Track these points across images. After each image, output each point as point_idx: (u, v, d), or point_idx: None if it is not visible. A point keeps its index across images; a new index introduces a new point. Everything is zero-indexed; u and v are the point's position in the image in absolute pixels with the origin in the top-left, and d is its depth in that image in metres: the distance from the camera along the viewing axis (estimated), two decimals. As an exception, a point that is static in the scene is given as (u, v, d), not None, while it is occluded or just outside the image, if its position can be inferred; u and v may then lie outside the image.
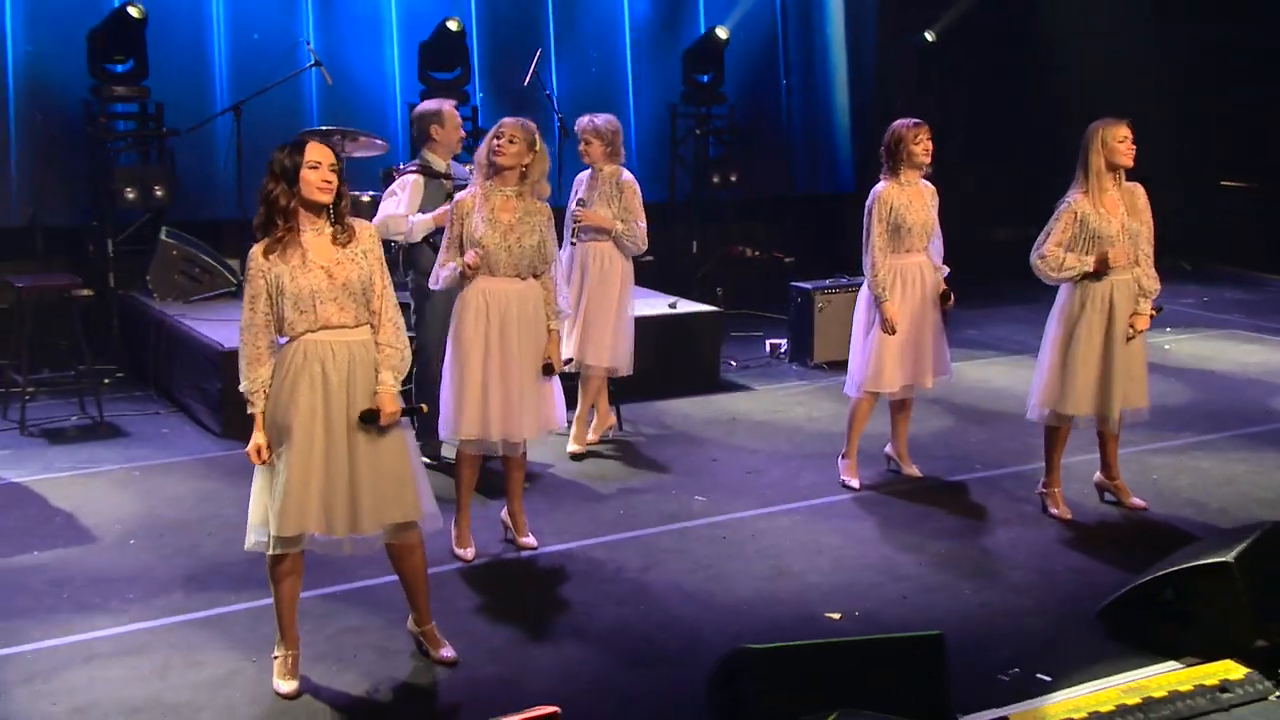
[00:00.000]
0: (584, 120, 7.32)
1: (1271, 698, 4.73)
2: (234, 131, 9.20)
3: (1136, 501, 6.65)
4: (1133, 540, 6.21)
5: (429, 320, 6.79)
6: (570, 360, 7.10)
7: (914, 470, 7.09)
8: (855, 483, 6.88)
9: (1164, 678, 4.81)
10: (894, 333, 6.57)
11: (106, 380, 8.41)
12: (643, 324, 8.60)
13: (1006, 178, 13.84)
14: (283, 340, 4.47)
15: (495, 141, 5.57)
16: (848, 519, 6.49)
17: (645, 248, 7.34)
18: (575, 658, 4.96)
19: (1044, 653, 5.06)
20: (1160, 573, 5.19)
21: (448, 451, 6.50)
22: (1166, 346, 10.42)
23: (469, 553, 5.82)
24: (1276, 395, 8.98)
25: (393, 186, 6.96)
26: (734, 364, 9.56)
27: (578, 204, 7.21)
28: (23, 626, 5.05)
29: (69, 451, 7.25)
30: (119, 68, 9.78)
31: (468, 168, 7.14)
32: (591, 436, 7.57)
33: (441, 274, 5.70)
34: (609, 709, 4.59)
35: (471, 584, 5.60)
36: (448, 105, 7.14)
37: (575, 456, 7.36)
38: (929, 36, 13.26)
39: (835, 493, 6.83)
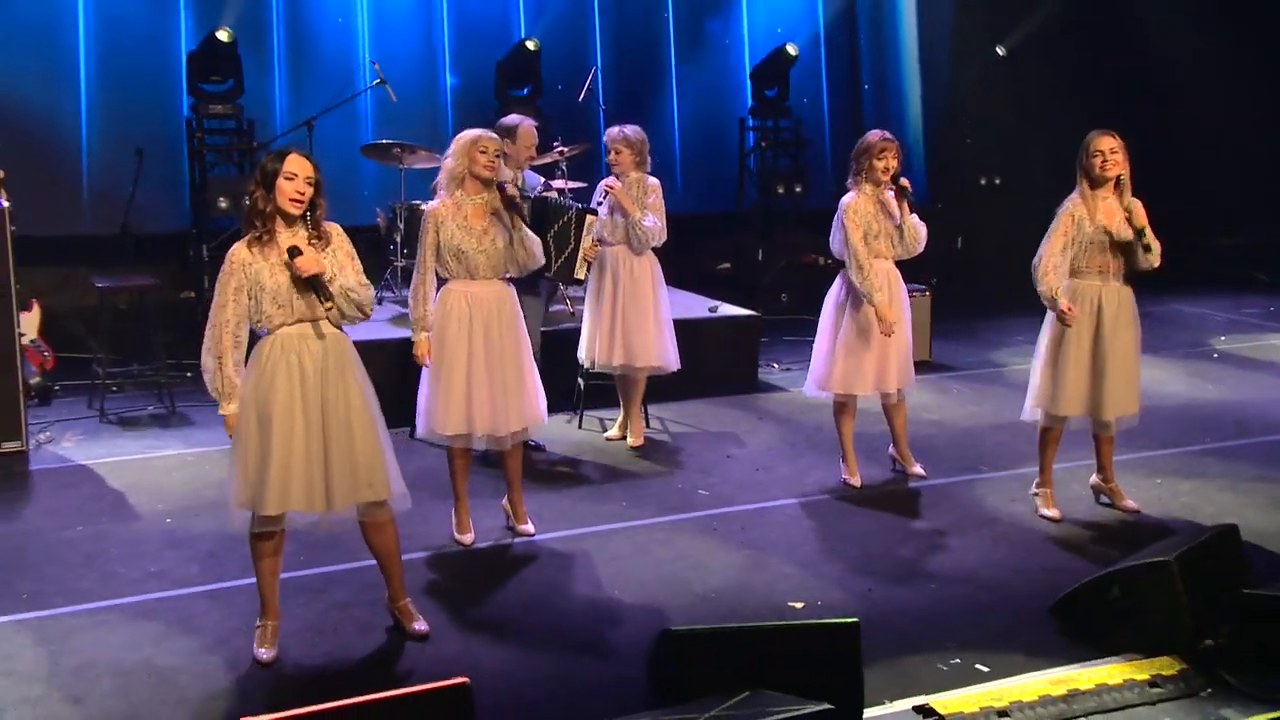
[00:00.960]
0: (614, 130, 7.42)
1: (1203, 694, 4.65)
2: (307, 144, 9.52)
3: (1129, 504, 6.53)
4: (1116, 542, 6.09)
5: None
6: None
7: (917, 469, 7.06)
8: (856, 481, 6.88)
9: (1094, 671, 4.76)
10: (891, 333, 6.56)
11: (189, 374, 8.77)
12: (684, 327, 8.69)
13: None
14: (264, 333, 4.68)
15: (481, 156, 5.69)
16: (837, 515, 6.49)
17: (655, 242, 7.33)
18: (538, 636, 5.09)
19: (992, 646, 5.02)
20: (1108, 571, 5.14)
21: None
22: (1215, 354, 10.15)
23: (468, 538, 5.98)
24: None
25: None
26: (776, 367, 9.58)
27: (599, 208, 7.29)
28: (47, 593, 5.35)
29: (137, 438, 7.59)
30: (216, 87, 10.23)
31: (542, 182, 7.34)
32: (614, 432, 7.69)
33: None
34: (555, 685, 4.70)
35: (463, 566, 5.77)
36: (526, 123, 7.27)
37: (636, 449, 7.50)
38: (1000, 51, 13.09)
39: (834, 491, 6.83)
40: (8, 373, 7.16)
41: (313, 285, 4.60)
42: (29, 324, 8.35)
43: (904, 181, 6.54)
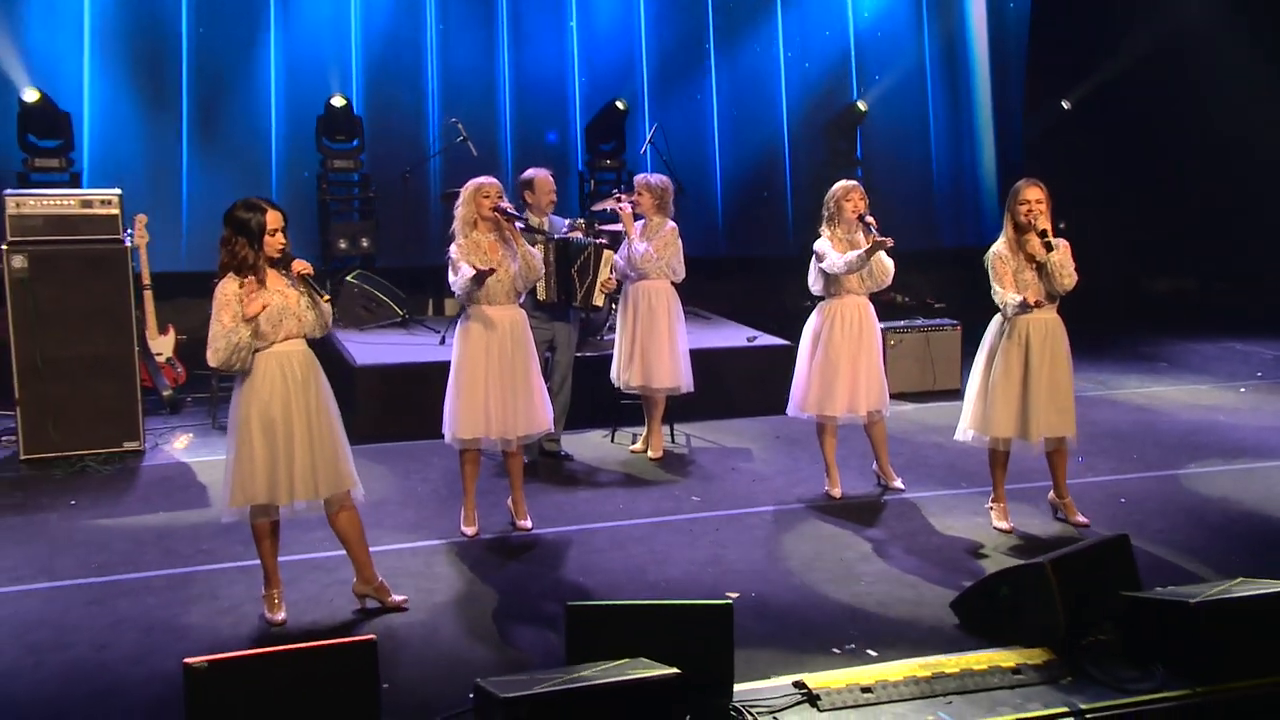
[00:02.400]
0: (640, 177, 7.93)
1: (1063, 682, 4.81)
2: (403, 193, 10.26)
3: (1080, 519, 6.65)
4: (1052, 550, 6.21)
5: None
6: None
7: (897, 484, 7.28)
8: (836, 492, 7.15)
9: (964, 658, 4.97)
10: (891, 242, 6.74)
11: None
12: (722, 355, 9.13)
13: (1167, 231, 13.48)
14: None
15: (485, 201, 6.23)
16: (803, 522, 6.77)
17: (655, 266, 7.72)
18: (500, 610, 5.55)
19: (891, 637, 5.26)
20: (999, 571, 5.34)
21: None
22: (1242, 390, 10.01)
23: (471, 530, 6.48)
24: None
25: None
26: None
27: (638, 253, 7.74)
28: (113, 563, 6.07)
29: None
30: (341, 145, 11.08)
31: (567, 221, 7.87)
32: (637, 446, 8.10)
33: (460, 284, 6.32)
34: (495, 647, 5.15)
35: (459, 554, 6.25)
36: (542, 174, 7.77)
37: (656, 461, 7.92)
38: (1065, 105, 13.09)
39: (812, 500, 7.11)
40: (129, 384, 7.98)
41: (308, 283, 5.22)
42: (165, 345, 9.24)
43: (870, 219, 6.82)
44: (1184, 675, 4.78)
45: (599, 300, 7.55)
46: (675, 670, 4.19)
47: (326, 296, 5.30)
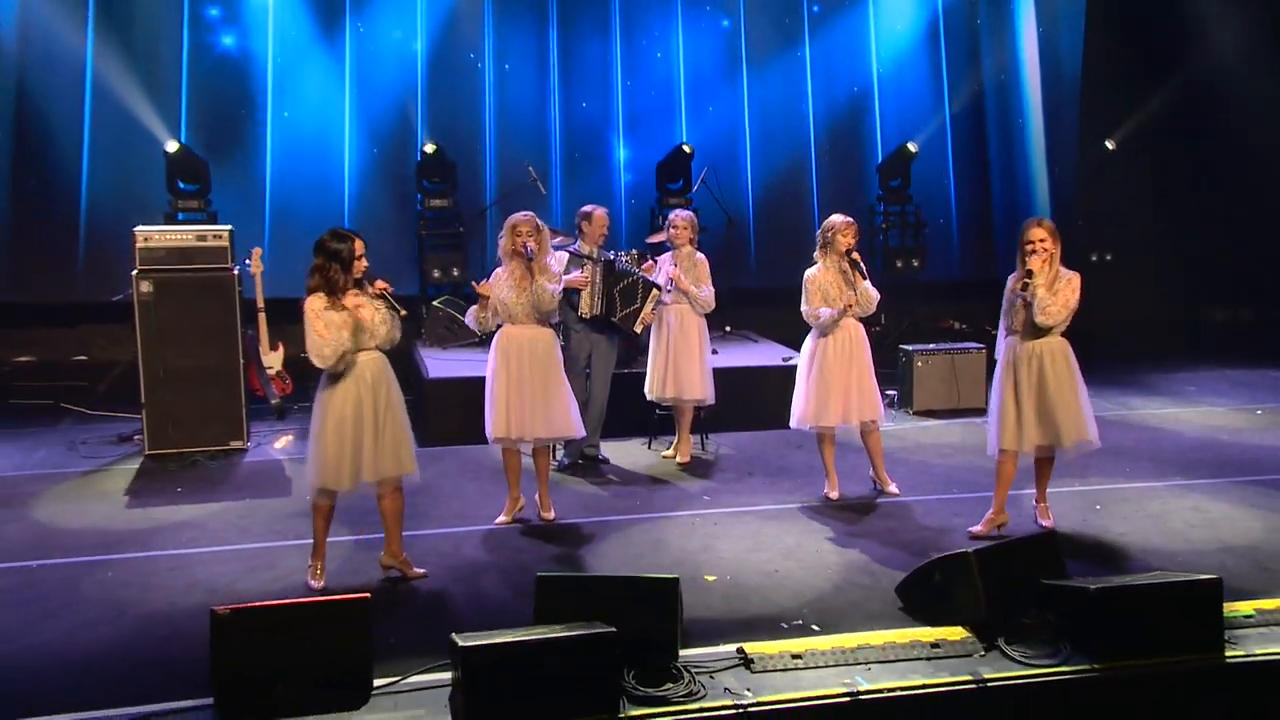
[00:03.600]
0: (674, 214, 8.50)
1: (977, 655, 5.15)
2: (483, 226, 11.00)
3: (1045, 523, 6.90)
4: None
5: (570, 344, 8.15)
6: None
7: (892, 489, 7.63)
8: (834, 494, 7.54)
9: (890, 633, 5.35)
10: (853, 304, 7.29)
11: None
12: (759, 372, 9.55)
13: (1227, 261, 13.43)
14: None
15: (517, 239, 6.81)
16: (797, 518, 7.18)
17: (713, 306, 8.32)
18: (498, 579, 6.16)
19: (839, 616, 5.66)
20: (935, 558, 5.70)
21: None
22: (1259, 411, 10.02)
23: (504, 518, 7.07)
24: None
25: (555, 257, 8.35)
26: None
27: (668, 281, 8.28)
28: (198, 538, 6.83)
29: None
30: (435, 185, 11.88)
31: (613, 252, 8.45)
32: (669, 452, 8.60)
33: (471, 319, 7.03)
34: (480, 609, 5.71)
35: (484, 540, 6.82)
36: (599, 210, 8.34)
37: (683, 466, 8.41)
38: (1109, 145, 13.18)
39: (809, 501, 7.50)
40: (235, 391, 8.81)
41: (386, 299, 5.94)
42: (275, 359, 10.08)
43: (855, 255, 7.23)
44: (1085, 654, 5.09)
45: (638, 328, 8.11)
46: (613, 629, 4.69)
47: (404, 311, 5.99)
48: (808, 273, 7.37)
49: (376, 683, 4.77)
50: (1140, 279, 13.31)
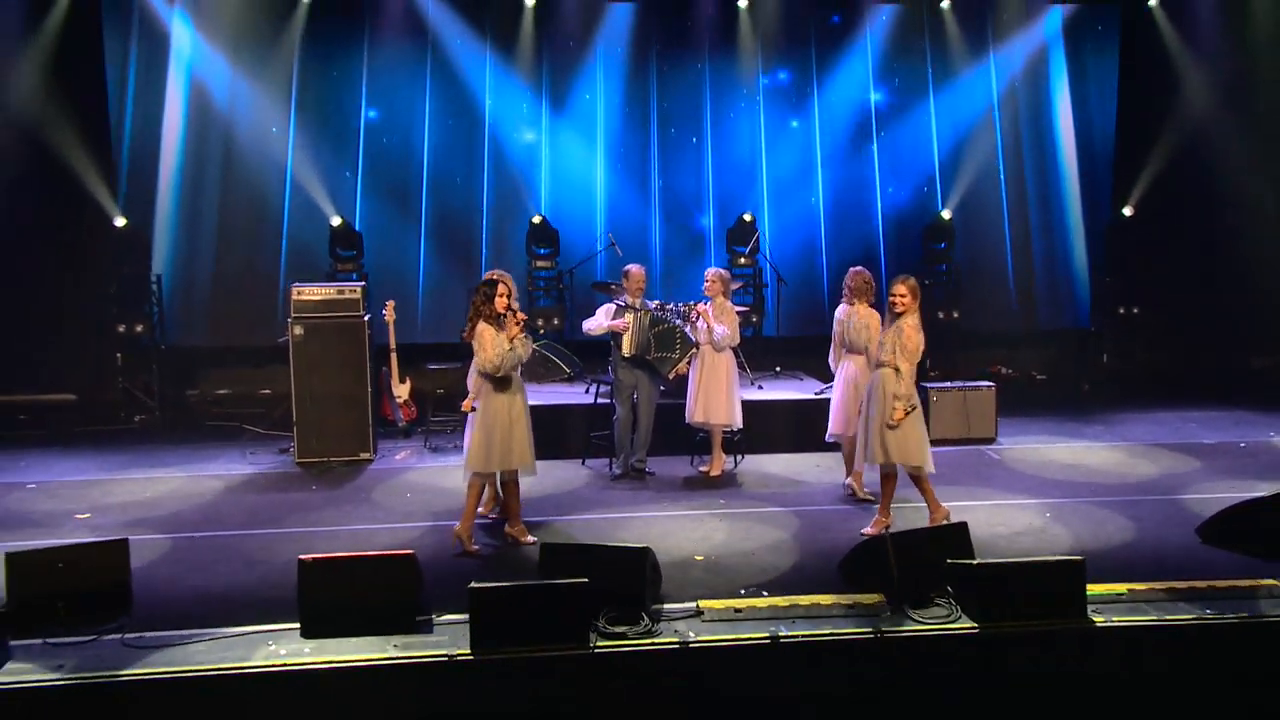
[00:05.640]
0: (709, 270, 9.50)
1: (883, 614, 5.96)
2: (568, 284, 12.19)
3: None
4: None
5: (618, 376, 9.22)
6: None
7: (866, 495, 8.43)
8: (857, 487, 8.50)
9: (818, 597, 6.18)
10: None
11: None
12: (795, 403, 10.39)
13: (1267, 309, 13.66)
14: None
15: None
16: (794, 518, 8.01)
17: (729, 343, 9.21)
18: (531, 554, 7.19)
19: (792, 585, 6.54)
20: (863, 540, 6.52)
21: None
22: (1243, 444, 10.35)
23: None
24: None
25: (604, 307, 9.45)
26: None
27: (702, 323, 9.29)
28: (317, 520, 8.11)
29: (438, 458, 10.31)
30: (542, 250, 13.15)
31: (654, 303, 9.52)
32: (705, 467, 9.53)
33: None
34: (510, 575, 6.73)
35: (534, 527, 7.90)
36: (636, 268, 9.42)
37: (713, 478, 9.32)
38: (1126, 212, 13.64)
39: (807, 504, 8.34)
40: (364, 412, 10.16)
41: (528, 329, 7.25)
42: (403, 390, 11.36)
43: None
44: (970, 616, 5.86)
45: (671, 374, 9.13)
46: (584, 580, 5.69)
47: (542, 340, 7.26)
48: (838, 312, 8.61)
49: (422, 618, 5.89)
50: (1190, 329, 13.67)
